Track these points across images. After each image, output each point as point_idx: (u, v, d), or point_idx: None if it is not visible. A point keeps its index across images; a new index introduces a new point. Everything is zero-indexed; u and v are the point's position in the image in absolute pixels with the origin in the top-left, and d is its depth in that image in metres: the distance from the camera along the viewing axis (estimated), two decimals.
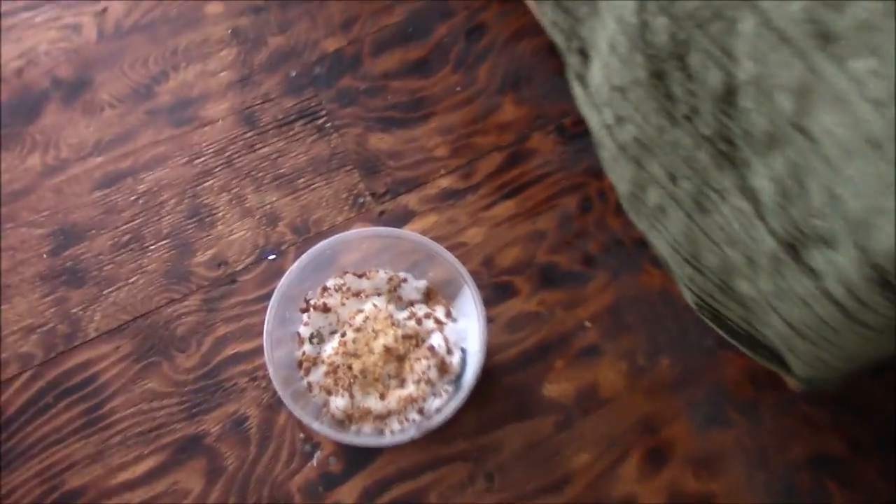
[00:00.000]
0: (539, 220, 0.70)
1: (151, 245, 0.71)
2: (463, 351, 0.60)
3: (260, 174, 0.73)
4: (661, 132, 0.48)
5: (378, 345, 0.58)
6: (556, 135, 0.73)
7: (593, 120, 0.56)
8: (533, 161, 0.72)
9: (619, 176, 0.55)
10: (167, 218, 0.72)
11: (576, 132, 0.73)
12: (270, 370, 0.56)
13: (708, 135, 0.44)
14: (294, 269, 0.59)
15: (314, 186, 0.73)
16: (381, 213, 0.71)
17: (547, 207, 0.70)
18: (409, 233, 0.61)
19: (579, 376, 0.64)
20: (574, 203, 0.70)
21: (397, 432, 0.57)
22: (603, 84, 0.52)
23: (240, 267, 0.70)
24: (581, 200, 0.70)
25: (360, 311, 0.60)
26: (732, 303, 0.51)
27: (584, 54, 0.55)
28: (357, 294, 0.61)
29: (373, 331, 0.58)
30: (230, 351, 0.67)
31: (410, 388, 0.57)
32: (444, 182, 0.72)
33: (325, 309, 0.61)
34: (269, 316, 0.57)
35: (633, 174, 0.53)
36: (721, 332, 0.57)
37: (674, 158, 0.48)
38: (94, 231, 0.72)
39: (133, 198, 0.73)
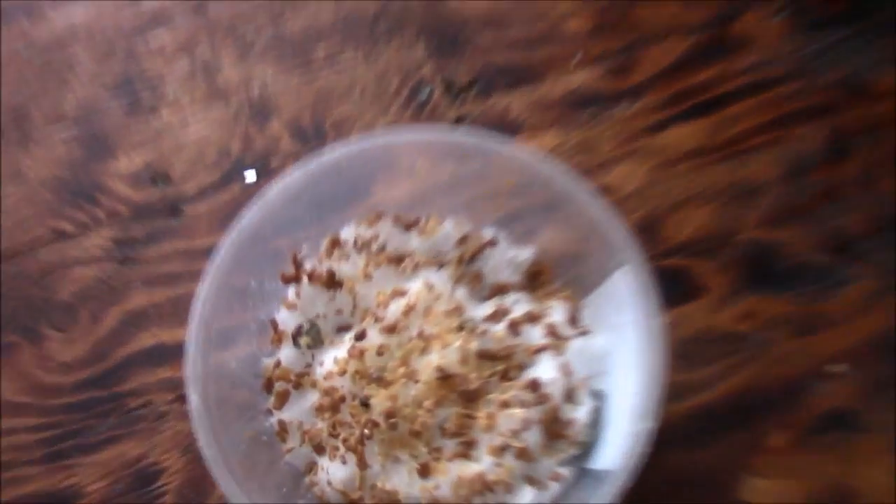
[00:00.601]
0: (749, 163, 0.55)
1: (41, 130, 0.57)
2: (600, 398, 0.44)
3: (250, 31, 0.60)
4: None
5: (427, 365, 0.42)
6: (788, 16, 0.58)
7: None
8: (743, 58, 0.58)
9: None
10: (80, 87, 0.58)
11: (826, 15, 0.57)
12: (192, 396, 0.39)
13: None
14: (275, 194, 0.44)
15: (342, 61, 0.59)
16: (459, 119, 0.57)
17: (764, 142, 0.55)
18: (513, 147, 0.46)
19: (816, 468, 0.48)
20: (816, 140, 0.55)
21: None
22: None
23: (190, 188, 0.55)
24: (830, 137, 0.55)
25: (400, 293, 0.45)
26: None
27: None
28: (397, 260, 0.46)
29: (420, 336, 0.43)
30: (150, 339, 0.52)
31: (484, 463, 0.41)
32: (578, 78, 0.57)
33: (332, 281, 0.46)
34: (207, 280, 0.42)
35: None
36: None
37: None
38: None
39: (27, 47, 0.60)
